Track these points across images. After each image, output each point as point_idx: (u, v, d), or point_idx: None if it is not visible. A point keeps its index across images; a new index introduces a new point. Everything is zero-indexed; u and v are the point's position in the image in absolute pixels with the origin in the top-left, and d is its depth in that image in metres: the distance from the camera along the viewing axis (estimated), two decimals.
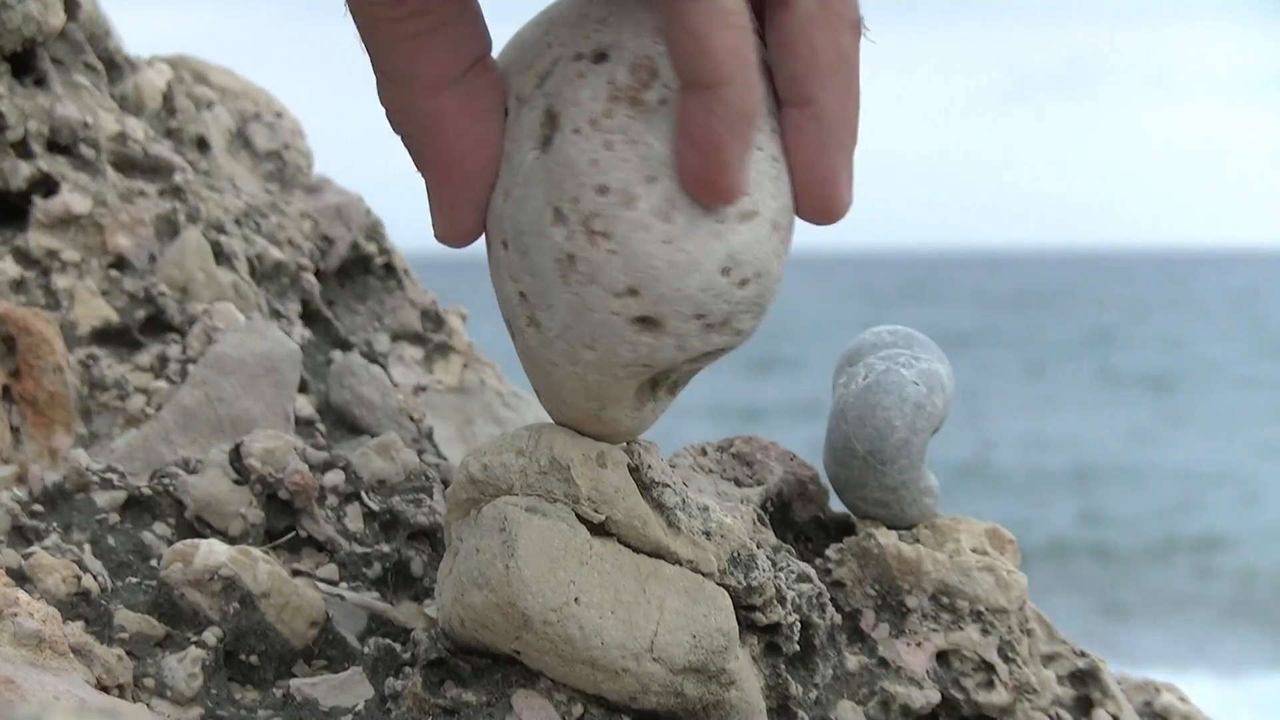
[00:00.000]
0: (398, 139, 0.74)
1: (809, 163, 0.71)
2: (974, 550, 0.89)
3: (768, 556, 0.81)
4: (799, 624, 0.82)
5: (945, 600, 0.88)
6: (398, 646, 0.82)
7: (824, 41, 0.69)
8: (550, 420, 0.78)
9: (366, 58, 0.71)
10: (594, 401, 0.74)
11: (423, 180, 0.74)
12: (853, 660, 0.86)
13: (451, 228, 0.74)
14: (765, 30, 0.69)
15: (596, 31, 0.71)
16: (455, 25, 0.70)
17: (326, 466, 0.93)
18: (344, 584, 0.90)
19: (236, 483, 0.91)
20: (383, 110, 0.72)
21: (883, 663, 0.86)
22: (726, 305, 0.71)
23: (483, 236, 0.75)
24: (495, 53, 0.73)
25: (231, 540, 0.90)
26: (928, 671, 0.86)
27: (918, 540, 0.89)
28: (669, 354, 0.71)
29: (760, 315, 0.73)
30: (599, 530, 0.76)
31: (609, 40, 0.70)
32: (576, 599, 0.74)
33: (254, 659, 0.84)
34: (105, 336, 1.06)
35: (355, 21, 0.70)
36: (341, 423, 1.08)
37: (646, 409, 0.76)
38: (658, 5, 0.67)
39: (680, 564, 0.77)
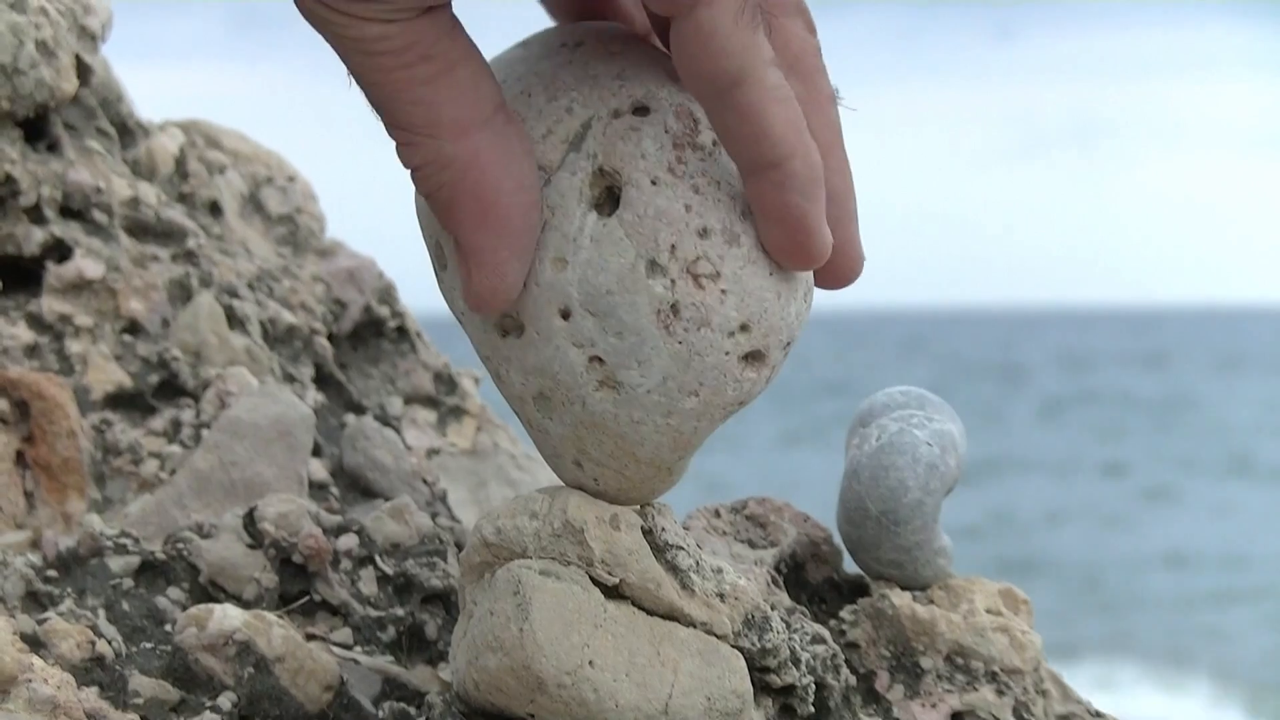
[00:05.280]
0: (412, 208, 0.74)
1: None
2: (988, 611, 0.89)
3: (782, 618, 0.81)
4: (813, 686, 0.82)
5: (960, 661, 0.87)
6: (412, 710, 0.82)
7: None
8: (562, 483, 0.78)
9: (381, 121, 0.69)
10: (676, 452, 0.74)
11: (456, 239, 0.70)
12: None
13: (494, 282, 0.70)
14: None
15: (622, 88, 0.71)
16: (466, 65, 0.68)
17: (340, 530, 0.93)
18: (358, 648, 0.90)
19: (250, 547, 0.91)
20: (409, 174, 0.70)
21: None
22: (799, 328, 0.73)
23: (487, 319, 0.73)
24: None
25: (245, 605, 0.89)
26: None
27: (932, 601, 0.89)
28: (760, 387, 0.73)
29: None
30: (613, 593, 0.76)
31: (640, 94, 0.71)
32: (591, 662, 0.74)
33: None
34: (118, 401, 1.06)
35: (364, 83, 0.68)
36: (355, 486, 1.08)
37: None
38: (705, 98, 0.67)
39: (694, 626, 0.77)
